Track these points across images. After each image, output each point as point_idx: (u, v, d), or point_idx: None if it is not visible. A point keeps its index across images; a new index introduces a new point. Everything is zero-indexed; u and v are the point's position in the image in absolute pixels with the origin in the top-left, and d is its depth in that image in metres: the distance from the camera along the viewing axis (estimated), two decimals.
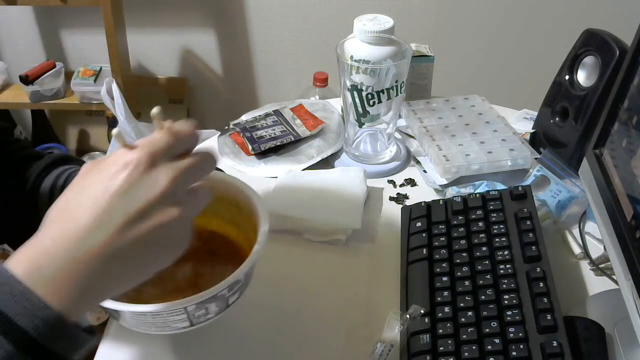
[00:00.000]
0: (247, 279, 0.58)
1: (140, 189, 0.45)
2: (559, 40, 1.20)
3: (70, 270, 0.42)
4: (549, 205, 0.79)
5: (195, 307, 0.53)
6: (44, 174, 0.69)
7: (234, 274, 0.54)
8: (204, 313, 0.55)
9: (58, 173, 0.69)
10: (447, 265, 0.67)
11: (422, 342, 0.60)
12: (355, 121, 0.86)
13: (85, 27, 1.91)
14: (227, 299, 0.56)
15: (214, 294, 0.53)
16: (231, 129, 0.95)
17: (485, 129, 0.92)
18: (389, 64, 0.82)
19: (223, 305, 0.56)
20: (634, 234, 0.59)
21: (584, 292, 0.71)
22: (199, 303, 0.53)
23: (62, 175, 0.68)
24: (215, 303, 0.55)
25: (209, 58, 2.00)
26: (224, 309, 0.57)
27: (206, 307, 0.54)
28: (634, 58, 0.65)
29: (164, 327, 0.55)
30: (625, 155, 0.64)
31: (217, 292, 0.53)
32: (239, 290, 0.57)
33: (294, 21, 1.91)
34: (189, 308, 0.53)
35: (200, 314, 0.55)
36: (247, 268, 0.55)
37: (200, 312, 0.54)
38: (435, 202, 0.76)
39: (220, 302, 0.55)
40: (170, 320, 0.54)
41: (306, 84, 1.66)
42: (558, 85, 0.89)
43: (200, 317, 0.55)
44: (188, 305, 0.52)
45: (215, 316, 0.56)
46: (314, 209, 0.78)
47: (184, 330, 0.56)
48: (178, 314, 0.53)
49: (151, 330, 0.56)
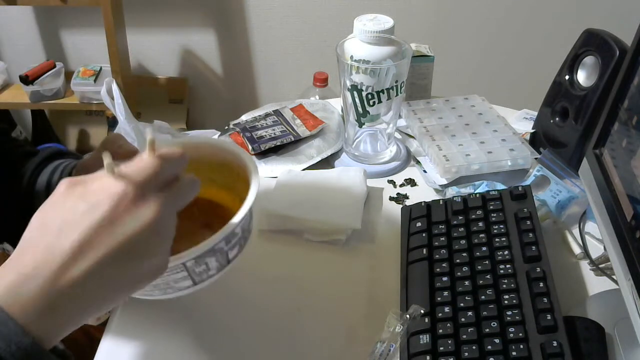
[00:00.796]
0: (244, 232, 0.57)
1: (127, 223, 0.44)
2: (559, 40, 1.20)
3: (50, 298, 0.42)
4: (549, 205, 0.79)
5: (194, 263, 0.53)
6: (39, 170, 0.69)
7: (229, 225, 0.53)
8: (205, 269, 0.54)
9: (53, 168, 0.69)
10: (447, 265, 0.67)
11: (422, 342, 0.59)
12: (355, 121, 0.86)
13: (85, 27, 1.91)
14: (226, 253, 0.55)
15: (211, 247, 0.52)
16: (231, 129, 0.95)
17: (485, 129, 0.92)
18: (389, 64, 0.82)
19: (224, 260, 0.56)
20: (634, 234, 0.59)
21: (584, 292, 0.71)
22: (198, 257, 0.52)
23: (57, 170, 0.68)
24: (214, 257, 0.54)
25: (209, 58, 2.00)
26: (225, 264, 0.56)
27: (206, 262, 0.54)
28: (634, 58, 0.65)
29: (166, 288, 0.54)
30: (625, 155, 0.64)
31: (214, 245, 0.52)
32: (238, 244, 0.57)
33: (294, 21, 1.91)
34: (188, 264, 0.52)
35: (201, 270, 0.54)
36: (241, 218, 0.54)
37: (201, 267, 0.54)
38: (435, 202, 0.76)
39: (220, 257, 0.55)
40: (172, 279, 0.53)
41: (306, 84, 1.66)
42: (558, 85, 0.89)
43: (203, 274, 0.55)
44: (187, 261, 0.52)
45: (218, 273, 0.56)
46: (314, 209, 0.78)
47: (188, 290, 0.55)
48: (178, 271, 0.53)
49: (155, 293, 0.55)
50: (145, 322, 0.67)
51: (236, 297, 0.70)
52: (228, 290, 0.71)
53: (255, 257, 0.76)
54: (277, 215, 0.78)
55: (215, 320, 0.67)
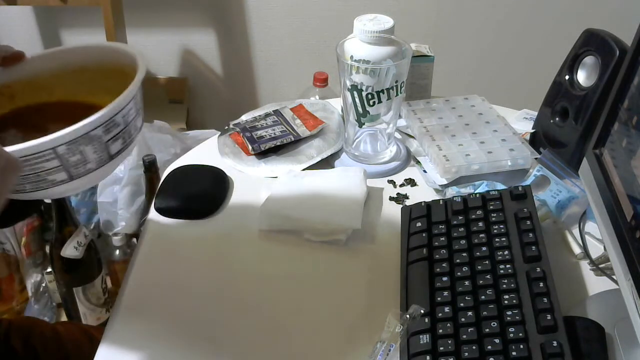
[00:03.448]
0: (128, 126, 0.53)
1: None
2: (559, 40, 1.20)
3: None
4: (549, 205, 0.79)
5: (67, 150, 0.48)
6: None
7: (107, 107, 0.49)
8: (81, 160, 0.49)
9: None
10: (447, 265, 0.67)
11: (422, 342, 0.59)
12: (355, 121, 0.86)
13: (85, 27, 1.91)
14: (106, 145, 0.51)
15: (85, 131, 0.48)
16: (231, 129, 0.95)
17: (485, 129, 0.92)
18: (389, 64, 0.82)
19: (103, 152, 0.51)
20: (634, 234, 0.59)
21: (584, 292, 0.71)
22: (70, 143, 0.48)
23: None
24: (91, 146, 0.49)
25: (209, 58, 2.00)
26: (107, 159, 0.52)
27: (81, 151, 0.49)
28: (634, 58, 0.65)
29: (38, 181, 0.49)
30: (625, 155, 0.64)
31: (89, 129, 0.48)
32: (121, 138, 0.52)
33: (294, 21, 1.91)
34: (59, 150, 0.48)
35: (77, 160, 0.49)
36: (121, 103, 0.50)
37: (76, 157, 0.49)
38: (435, 202, 0.76)
39: (99, 147, 0.50)
40: (42, 168, 0.48)
41: (306, 84, 1.66)
42: (558, 85, 0.89)
43: (79, 166, 0.50)
44: (57, 146, 0.47)
45: (97, 168, 0.51)
46: (314, 209, 0.78)
47: (64, 184, 0.50)
48: (48, 159, 0.48)
49: (26, 189, 0.50)
50: (145, 322, 0.67)
51: (236, 297, 0.70)
52: (228, 290, 0.71)
53: (255, 257, 0.76)
54: (277, 215, 0.78)
55: (215, 320, 0.67)
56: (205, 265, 0.75)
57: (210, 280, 0.72)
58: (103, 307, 1.31)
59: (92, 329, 0.97)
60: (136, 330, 0.66)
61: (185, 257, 0.76)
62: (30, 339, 0.86)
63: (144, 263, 0.75)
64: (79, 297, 1.27)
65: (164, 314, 0.68)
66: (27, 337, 0.86)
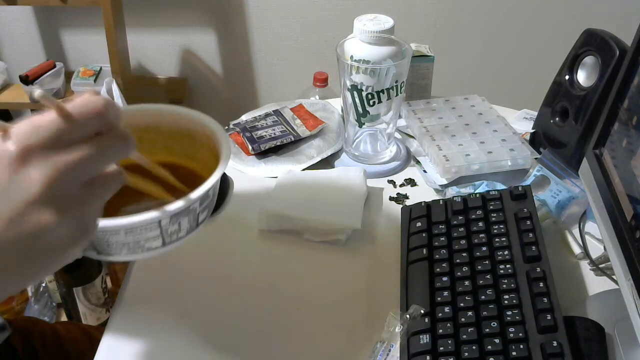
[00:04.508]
0: (214, 197, 0.57)
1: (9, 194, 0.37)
2: (559, 40, 1.20)
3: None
4: (549, 205, 0.79)
5: (169, 221, 0.52)
6: None
7: (204, 185, 0.52)
8: (177, 230, 0.53)
9: None
10: (447, 265, 0.67)
11: (422, 342, 0.59)
12: (355, 121, 0.86)
13: (85, 27, 1.91)
14: (197, 215, 0.54)
15: (187, 206, 0.51)
16: (231, 129, 0.95)
17: (485, 129, 0.92)
18: (389, 64, 0.82)
19: (194, 222, 0.55)
20: (634, 234, 0.59)
21: (584, 292, 0.71)
22: (174, 216, 0.51)
23: None
24: (188, 218, 0.53)
25: (209, 58, 2.00)
26: (195, 227, 0.55)
27: (179, 222, 0.53)
28: (634, 58, 0.65)
29: (136, 248, 0.52)
30: (625, 155, 0.64)
31: (191, 203, 0.51)
32: (208, 208, 0.56)
33: (294, 21, 1.91)
34: (163, 222, 0.51)
35: (173, 230, 0.53)
36: (215, 181, 0.53)
37: (174, 227, 0.53)
38: (435, 202, 0.76)
39: (192, 218, 0.54)
40: (143, 237, 0.51)
41: (306, 84, 1.66)
42: (558, 85, 0.89)
43: (173, 235, 0.53)
44: (162, 219, 0.51)
45: (187, 235, 0.55)
46: (314, 209, 0.78)
47: (157, 251, 0.53)
48: (152, 229, 0.51)
49: (122, 254, 0.53)
50: (145, 322, 0.67)
51: (236, 296, 0.70)
52: (228, 290, 0.71)
53: (255, 257, 0.76)
54: (277, 215, 0.78)
55: (215, 320, 0.67)
56: (205, 265, 0.75)
57: (210, 280, 0.72)
58: (103, 307, 1.31)
59: (92, 329, 0.97)
60: (136, 330, 0.66)
61: (185, 257, 0.76)
62: (30, 339, 0.86)
63: (144, 263, 0.75)
64: (79, 297, 1.27)
65: (164, 314, 0.68)
66: (27, 337, 0.86)
